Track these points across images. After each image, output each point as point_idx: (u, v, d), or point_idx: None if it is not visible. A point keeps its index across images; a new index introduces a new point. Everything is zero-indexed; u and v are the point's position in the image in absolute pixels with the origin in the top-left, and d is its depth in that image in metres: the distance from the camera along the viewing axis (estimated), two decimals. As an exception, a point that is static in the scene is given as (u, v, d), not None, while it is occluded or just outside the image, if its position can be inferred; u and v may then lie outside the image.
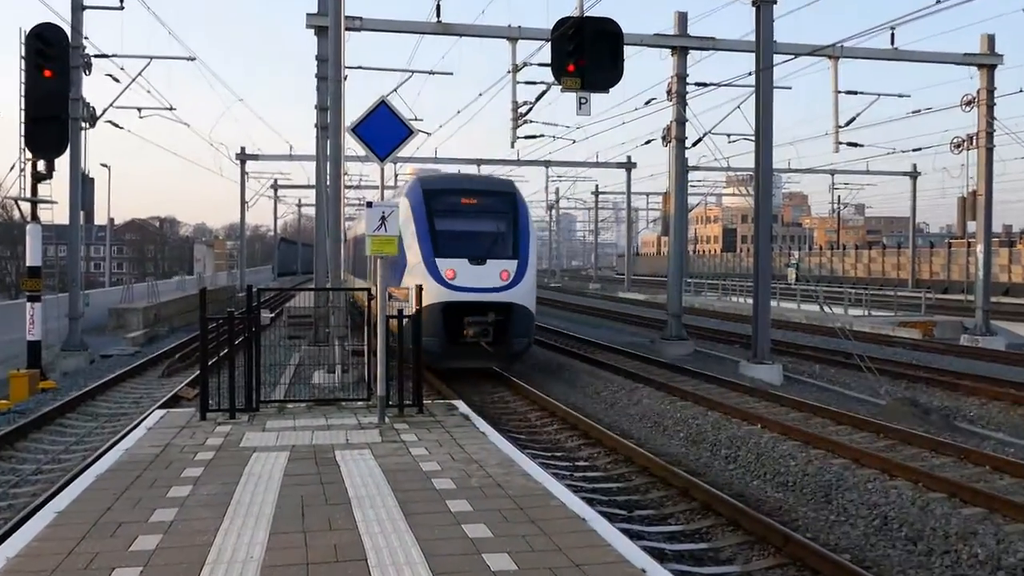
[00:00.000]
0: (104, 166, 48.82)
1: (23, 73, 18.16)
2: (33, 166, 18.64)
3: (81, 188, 22.10)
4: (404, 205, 16.55)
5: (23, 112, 18.17)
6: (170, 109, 27.80)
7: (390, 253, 10.08)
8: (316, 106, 20.42)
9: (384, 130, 10.81)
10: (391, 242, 9.99)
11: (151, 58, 24.59)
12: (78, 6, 21.80)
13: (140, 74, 24.24)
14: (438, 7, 19.93)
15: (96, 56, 22.52)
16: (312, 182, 28.46)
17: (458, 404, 11.41)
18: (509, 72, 20.05)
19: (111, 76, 23.88)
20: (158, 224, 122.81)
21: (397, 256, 11.45)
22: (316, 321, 19.46)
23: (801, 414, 13.94)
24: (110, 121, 25.30)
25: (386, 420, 9.94)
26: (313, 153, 23.06)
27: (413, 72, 25.29)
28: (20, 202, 19.52)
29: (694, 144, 23.79)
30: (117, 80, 23.92)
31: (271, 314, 31.49)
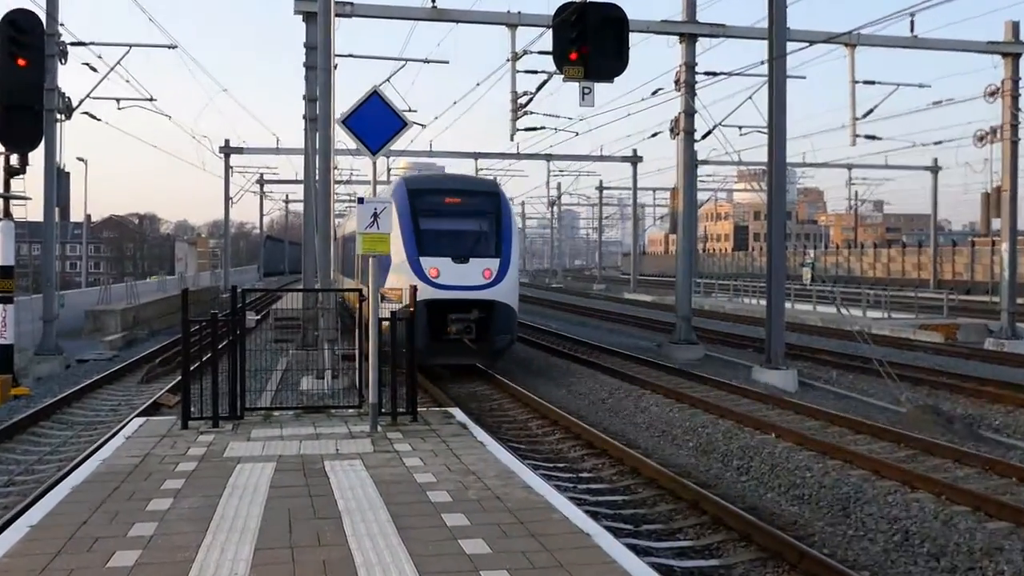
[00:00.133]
0: (81, 160, 48.80)
1: (-5, 62, 18.17)
2: (6, 160, 18.64)
3: (56, 183, 22.07)
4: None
5: (-6, 103, 18.17)
6: (150, 100, 27.80)
7: (383, 252, 10.08)
8: (304, 96, 20.41)
9: (376, 122, 10.84)
10: (384, 240, 9.98)
11: (130, 46, 24.59)
12: (54, -9, 21.80)
13: (119, 63, 24.27)
14: (433, -8, 19.94)
15: (72, 44, 22.48)
16: (300, 177, 28.45)
17: (455, 412, 11.43)
18: (508, 60, 20.04)
19: (88, 65, 23.88)
20: (137, 221, 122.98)
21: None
22: (304, 324, 19.46)
23: (817, 422, 13.94)
24: (87, 112, 25.30)
25: (378, 429, 9.94)
26: (301, 146, 23.08)
27: (407, 61, 25.24)
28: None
29: (703, 137, 23.74)
30: (94, 69, 23.91)
31: (257, 316, 31.59)
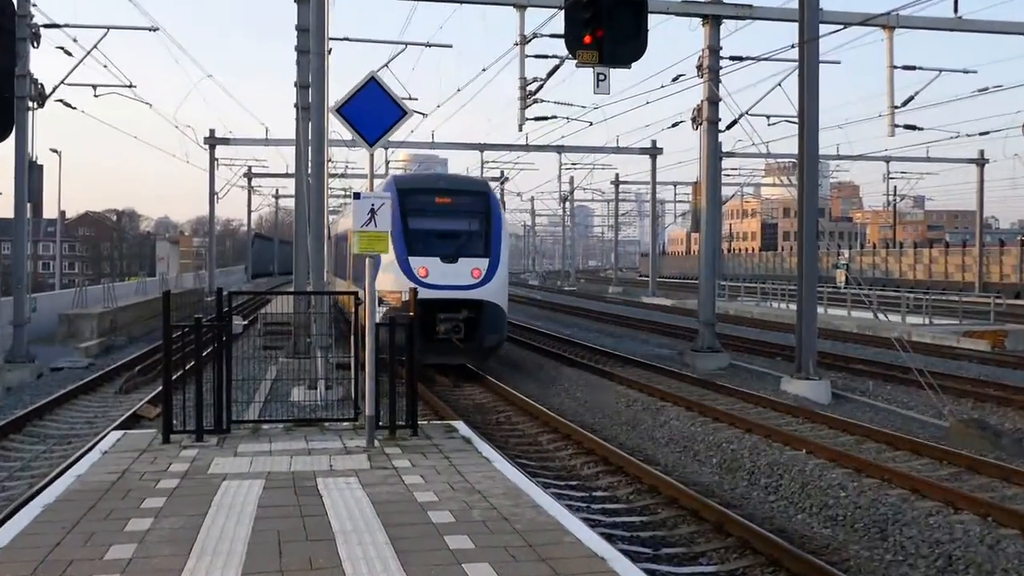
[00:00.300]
0: (54, 152, 48.90)
1: (-39, 45, 18.25)
2: (-27, 152, 18.72)
3: (28, 177, 22.15)
4: None
5: (-39, 90, 18.25)
6: (130, 87, 27.88)
7: (380, 252, 10.08)
8: (296, 83, 20.48)
9: (374, 111, 10.81)
10: (382, 239, 9.97)
11: (108, 28, 24.61)
12: (25, -31, 21.88)
13: (95, 46, 24.34)
14: (435, -30, 19.98)
15: (45, 26, 22.56)
16: (291, 170, 28.49)
17: (458, 425, 11.41)
18: (516, 44, 20.05)
19: (63, 49, 23.96)
20: (115, 218, 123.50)
21: None
22: (296, 329, 19.51)
23: (852, 437, 13.92)
24: (61, 100, 25.36)
25: (376, 443, 9.93)
26: (292, 137, 23.11)
27: (407, 44, 25.29)
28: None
29: (728, 127, 23.76)
30: (70, 53, 24.01)
31: (244, 321, 31.72)
